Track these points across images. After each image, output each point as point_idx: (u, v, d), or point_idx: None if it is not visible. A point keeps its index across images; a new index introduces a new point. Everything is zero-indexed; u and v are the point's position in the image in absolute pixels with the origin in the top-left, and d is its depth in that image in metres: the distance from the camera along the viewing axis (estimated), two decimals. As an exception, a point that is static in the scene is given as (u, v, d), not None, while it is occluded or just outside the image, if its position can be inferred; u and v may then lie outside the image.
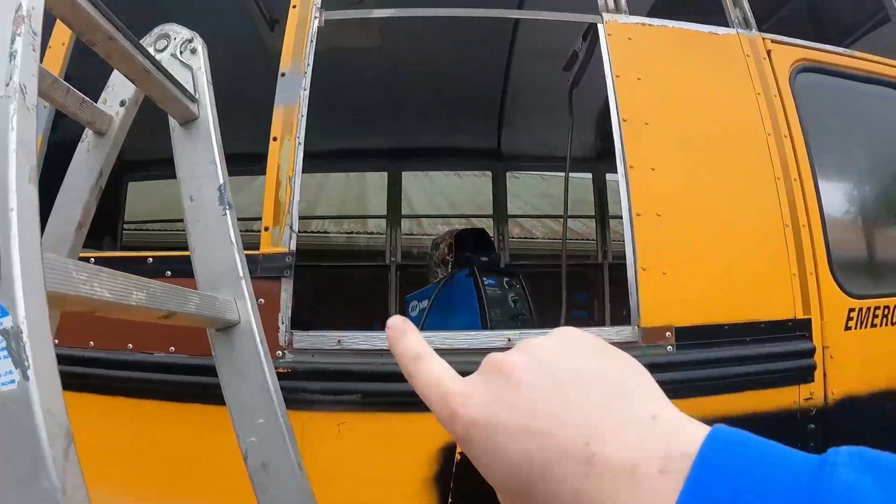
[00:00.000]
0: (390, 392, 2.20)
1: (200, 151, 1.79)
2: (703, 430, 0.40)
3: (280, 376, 2.13)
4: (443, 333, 2.25)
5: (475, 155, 6.67)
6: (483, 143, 6.44)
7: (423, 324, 3.66)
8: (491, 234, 6.32)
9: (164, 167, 6.16)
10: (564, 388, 0.45)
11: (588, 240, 7.12)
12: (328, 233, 8.41)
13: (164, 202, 7.25)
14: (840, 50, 3.16)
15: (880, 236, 3.36)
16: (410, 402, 2.17)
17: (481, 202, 7.48)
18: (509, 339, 2.24)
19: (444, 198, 8.85)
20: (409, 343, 0.56)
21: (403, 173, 6.90)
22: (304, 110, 2.53)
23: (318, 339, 2.29)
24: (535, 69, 5.23)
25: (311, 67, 2.60)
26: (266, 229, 2.36)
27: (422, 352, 0.56)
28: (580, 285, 5.98)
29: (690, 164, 2.55)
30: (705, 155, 2.60)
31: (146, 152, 5.85)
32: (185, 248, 1.77)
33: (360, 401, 2.18)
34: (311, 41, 2.65)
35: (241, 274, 1.70)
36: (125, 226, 6.52)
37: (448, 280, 3.85)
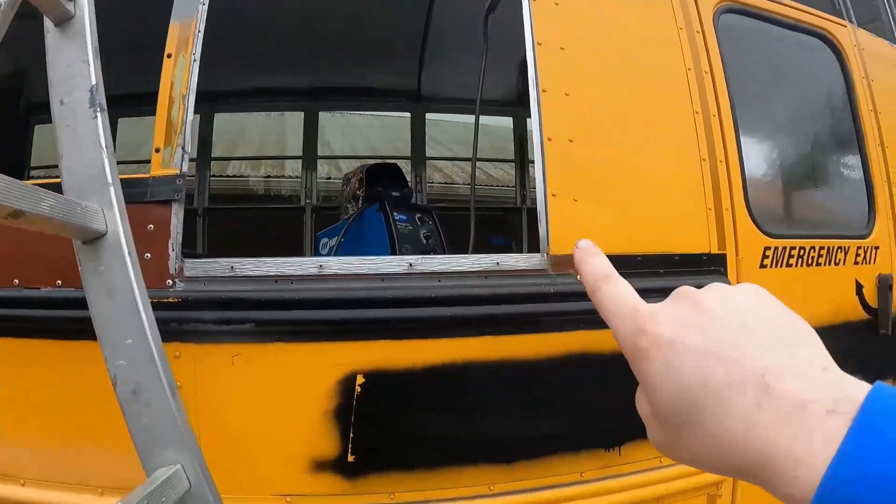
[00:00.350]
0: (285, 320, 2.10)
1: (75, 51, 1.62)
2: (867, 385, 0.44)
3: (170, 306, 2.07)
4: (341, 259, 2.13)
5: (394, 95, 6.50)
6: (403, 84, 6.29)
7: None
8: (408, 177, 6.21)
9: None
10: (750, 326, 0.49)
11: (508, 186, 7.08)
12: (246, 176, 8.15)
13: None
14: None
15: (798, 180, 3.39)
16: (307, 330, 2.10)
17: (401, 146, 7.33)
18: (411, 265, 2.13)
19: (364, 140, 8.69)
20: (599, 263, 0.62)
21: (324, 116, 6.71)
22: (202, 26, 2.34)
23: (209, 266, 2.15)
24: (459, 6, 5.08)
25: None
26: (157, 151, 2.21)
27: (611, 273, 0.61)
28: (499, 230, 5.96)
29: (607, 91, 2.47)
30: (622, 84, 2.51)
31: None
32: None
33: (253, 330, 2.07)
34: None
35: (109, 180, 1.54)
36: (32, 172, 6.11)
37: (358, 215, 3.74)
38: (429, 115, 6.73)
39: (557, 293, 2.17)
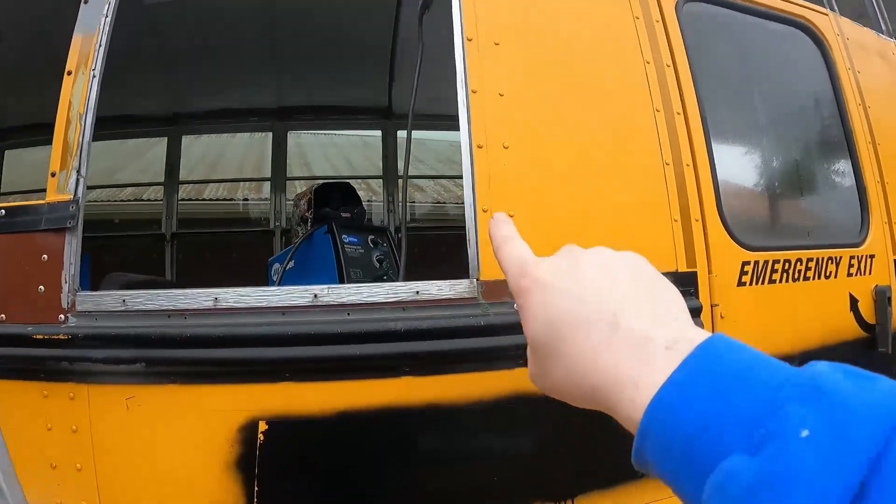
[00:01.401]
0: (178, 359, 1.88)
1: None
2: (708, 333, 0.52)
3: (62, 343, 1.89)
4: (239, 291, 1.87)
5: (365, 112, 6.29)
6: (373, 101, 6.08)
7: (279, 286, 3.28)
8: (380, 196, 6.02)
9: (46, 132, 5.79)
10: (617, 280, 0.60)
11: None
12: (222, 200, 7.98)
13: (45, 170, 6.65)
14: None
15: (780, 184, 3.09)
16: (202, 371, 1.76)
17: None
18: (316, 296, 1.85)
19: (345, 161, 8.48)
20: (505, 228, 0.75)
21: (304, 135, 6.56)
22: (105, 40, 2.17)
23: (101, 299, 1.97)
24: (426, 20, 4.89)
25: None
26: (53, 175, 2.07)
27: (511, 235, 0.74)
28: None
29: (549, 90, 2.17)
30: (568, 81, 2.22)
31: (24, 116, 5.43)
32: None
33: (145, 370, 1.86)
34: None
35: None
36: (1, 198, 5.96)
37: (307, 238, 3.49)
38: (414, 134, 6.51)
39: (489, 325, 1.86)
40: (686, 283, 2.19)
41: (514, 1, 2.24)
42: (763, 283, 2.42)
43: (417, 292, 1.88)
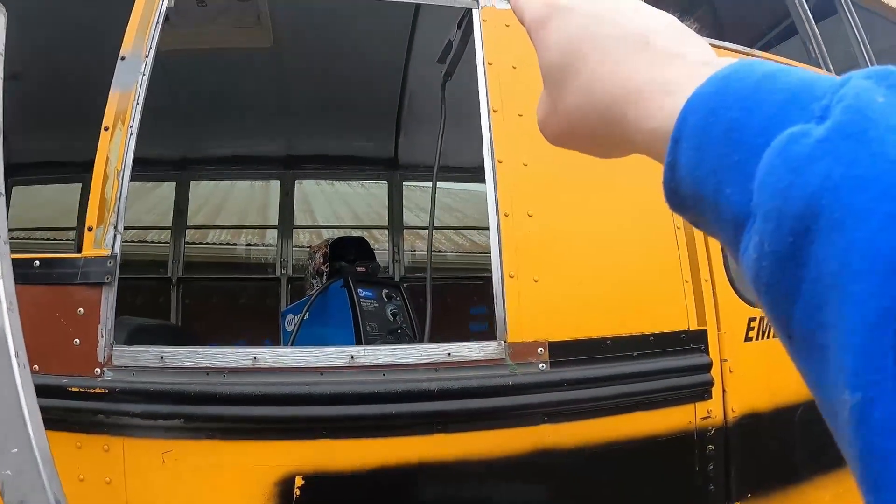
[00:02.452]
0: (217, 416, 1.95)
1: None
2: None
3: (98, 397, 1.94)
4: (276, 351, 1.95)
5: (371, 163, 6.39)
6: (380, 152, 6.18)
7: (295, 338, 3.34)
8: (385, 245, 6.07)
9: (54, 169, 5.92)
10: (645, 11, 0.52)
11: (489, 252, 6.91)
12: (226, 244, 8.02)
13: (54, 208, 6.77)
14: (743, 48, 3.05)
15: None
16: (241, 428, 1.88)
17: (385, 213, 7.21)
18: (352, 357, 1.94)
19: (348, 208, 8.56)
20: None
21: (306, 182, 6.62)
22: (141, 98, 2.24)
23: (139, 354, 2.02)
24: (433, 75, 5.02)
25: (153, 51, 2.33)
26: (90, 229, 2.12)
27: None
28: (481, 299, 5.79)
29: (569, 159, 2.26)
30: (583, 149, 2.35)
31: (34, 154, 5.50)
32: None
33: (183, 426, 1.93)
34: (158, 22, 2.40)
35: (-1, 272, 1.41)
36: (10, 234, 5.94)
37: (322, 291, 3.56)
38: (412, 182, 6.64)
39: (517, 385, 1.96)
40: (697, 340, 2.30)
41: (537, 74, 2.37)
42: (768, 337, 2.49)
43: (449, 354, 1.98)
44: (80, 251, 2.13)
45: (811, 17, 3.59)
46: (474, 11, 2.50)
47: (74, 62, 4.45)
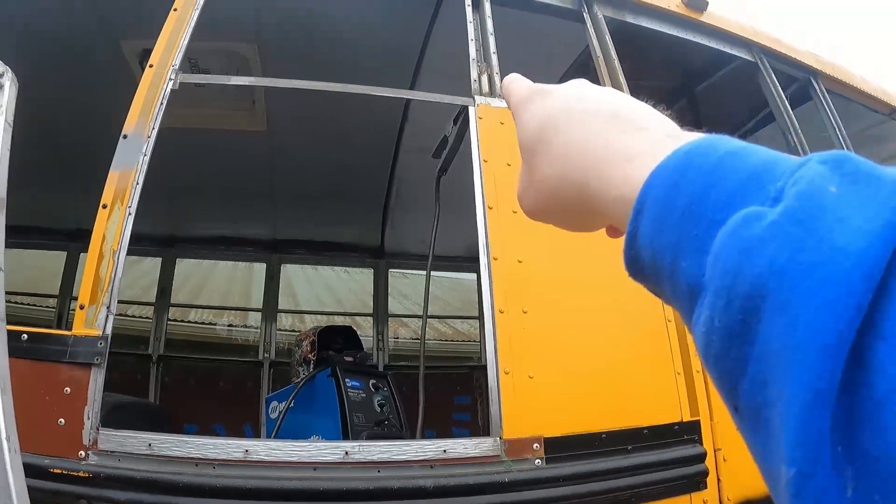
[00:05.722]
0: None
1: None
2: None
3: (82, 481, 1.88)
4: (269, 444, 1.92)
5: (358, 250, 6.45)
6: (366, 239, 6.27)
7: (279, 427, 3.29)
8: (370, 333, 6.05)
9: (38, 235, 5.86)
10: (619, 97, 0.56)
11: (474, 341, 6.91)
12: (208, 324, 7.93)
13: (32, 271, 6.62)
14: None
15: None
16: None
17: (368, 300, 7.19)
18: (347, 453, 1.92)
19: (331, 295, 8.53)
20: (516, 76, 0.68)
21: (292, 267, 6.64)
22: (141, 178, 2.28)
23: (126, 440, 1.97)
24: (421, 165, 5.13)
25: (156, 132, 2.38)
26: (82, 307, 2.09)
27: (521, 76, 0.68)
28: (463, 388, 5.75)
29: (563, 256, 2.34)
30: (580, 246, 2.39)
31: (11, 216, 5.44)
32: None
33: None
34: (162, 104, 2.45)
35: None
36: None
37: (309, 380, 3.52)
38: (400, 271, 6.69)
39: (513, 482, 1.95)
40: (691, 431, 2.31)
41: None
42: (764, 426, 2.50)
43: (444, 451, 1.96)
44: (59, 319, 2.10)
45: (788, 107, 3.75)
46: (470, 108, 2.59)
47: (64, 129, 4.51)
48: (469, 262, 6.17)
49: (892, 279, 0.31)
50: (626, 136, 0.50)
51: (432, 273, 3.20)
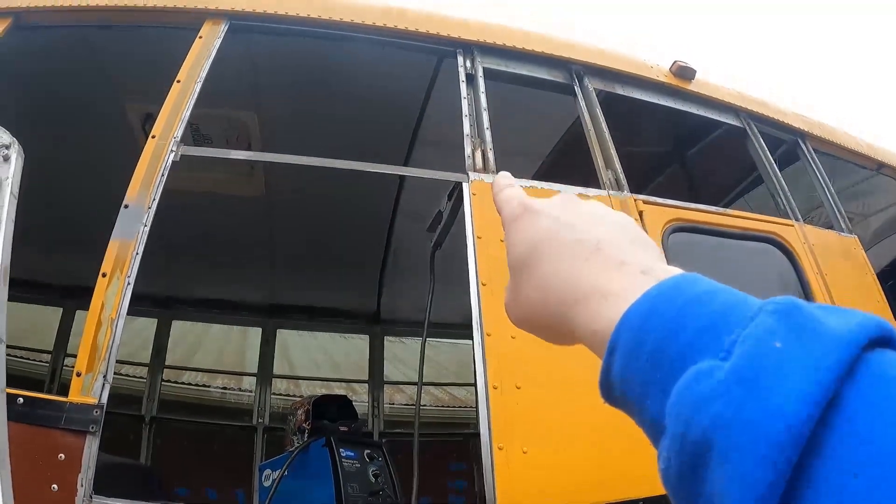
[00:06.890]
0: None
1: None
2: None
3: None
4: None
5: (354, 317, 6.48)
6: (362, 306, 6.30)
7: (272, 496, 3.26)
8: (363, 397, 6.02)
9: (34, 289, 5.83)
10: (605, 221, 0.61)
11: (469, 407, 6.88)
12: (202, 386, 7.88)
13: (29, 325, 6.59)
14: (713, 209, 3.22)
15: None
16: None
17: (364, 364, 7.17)
18: (340, 526, 1.91)
19: (327, 358, 8.49)
20: (507, 180, 0.73)
21: (288, 332, 6.65)
22: (141, 248, 2.32)
23: None
24: (418, 234, 5.18)
25: (156, 203, 2.42)
26: (78, 375, 2.10)
27: (512, 184, 0.72)
28: (459, 455, 5.71)
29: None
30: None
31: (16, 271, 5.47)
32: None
33: None
34: (163, 175, 2.49)
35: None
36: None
37: (303, 449, 3.50)
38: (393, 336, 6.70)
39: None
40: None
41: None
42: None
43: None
44: (53, 375, 2.10)
45: (777, 170, 3.83)
46: (464, 185, 2.64)
47: (63, 187, 4.53)
48: (465, 329, 6.19)
49: (822, 433, 0.35)
50: (604, 276, 0.54)
51: (429, 339, 3.23)
